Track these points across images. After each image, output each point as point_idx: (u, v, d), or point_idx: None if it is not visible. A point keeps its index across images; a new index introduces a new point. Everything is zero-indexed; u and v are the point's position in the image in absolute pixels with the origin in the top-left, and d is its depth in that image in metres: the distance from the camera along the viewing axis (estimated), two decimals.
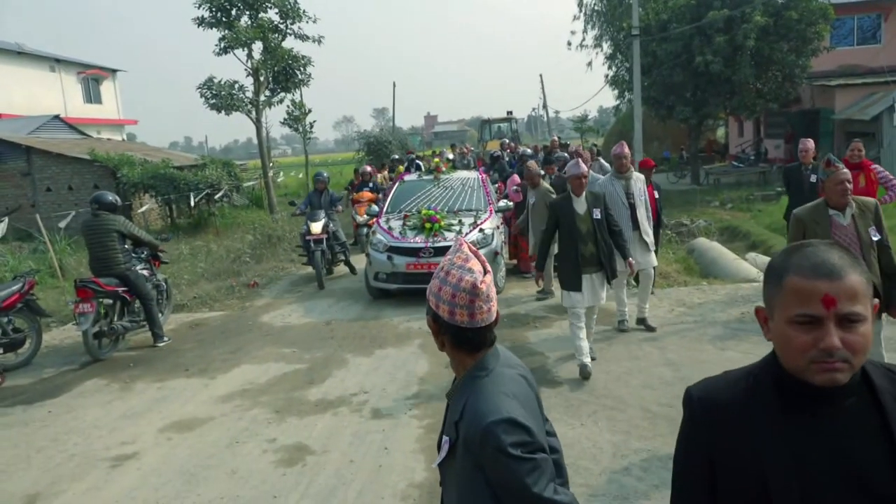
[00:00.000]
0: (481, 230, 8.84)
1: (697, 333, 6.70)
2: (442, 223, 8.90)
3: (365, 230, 12.11)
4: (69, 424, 5.52)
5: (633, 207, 6.61)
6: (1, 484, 4.53)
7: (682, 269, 9.74)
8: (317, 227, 10.01)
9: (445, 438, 1.70)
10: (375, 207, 10.43)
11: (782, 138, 22.49)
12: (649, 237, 6.73)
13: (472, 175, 10.83)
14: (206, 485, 4.33)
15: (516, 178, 10.23)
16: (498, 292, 8.58)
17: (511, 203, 10.10)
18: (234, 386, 6.19)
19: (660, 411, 4.92)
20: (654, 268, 6.99)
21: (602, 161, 12.27)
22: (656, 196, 7.67)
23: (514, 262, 10.29)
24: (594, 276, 5.68)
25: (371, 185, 13.57)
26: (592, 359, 5.86)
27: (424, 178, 10.93)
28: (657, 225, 7.61)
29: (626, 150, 6.76)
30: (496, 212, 9.57)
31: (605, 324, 7.04)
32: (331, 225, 10.31)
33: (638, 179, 6.77)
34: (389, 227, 9.16)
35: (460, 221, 9.04)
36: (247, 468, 4.52)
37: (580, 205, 5.67)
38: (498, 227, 9.23)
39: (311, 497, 4.09)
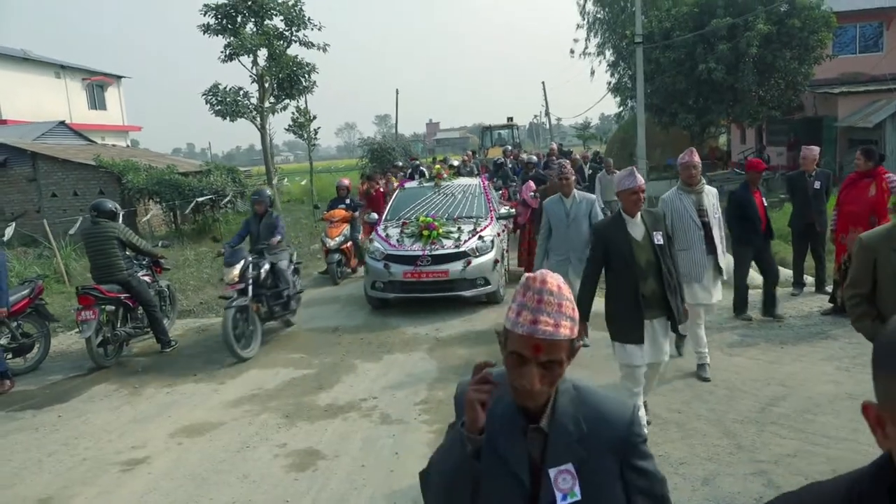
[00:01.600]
0: (481, 237, 8.66)
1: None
2: (440, 230, 8.68)
3: (337, 256, 10.78)
4: (79, 429, 5.55)
5: (706, 227, 5.57)
6: (14, 488, 4.56)
7: None
8: (232, 273, 7.23)
9: (565, 467, 1.48)
10: (375, 215, 10.15)
11: (784, 146, 22.53)
12: (724, 263, 5.72)
13: (473, 182, 10.64)
14: (218, 489, 4.34)
15: (532, 184, 10.10)
16: (499, 301, 8.50)
17: (514, 210, 10.05)
18: (243, 391, 6.21)
19: (670, 417, 4.93)
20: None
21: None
22: (765, 204, 6.96)
23: (523, 269, 10.25)
24: (656, 323, 4.37)
25: (349, 201, 11.68)
26: (648, 422, 4.67)
27: (425, 185, 10.71)
28: (767, 237, 6.91)
29: (696, 158, 5.60)
30: (497, 219, 9.40)
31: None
32: (262, 265, 7.57)
33: (710, 193, 5.68)
34: (387, 235, 8.97)
35: (459, 229, 8.82)
36: (258, 473, 4.53)
37: (636, 228, 4.31)
38: (499, 235, 9.04)
39: (323, 501, 4.10)
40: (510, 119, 34.34)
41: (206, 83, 19.18)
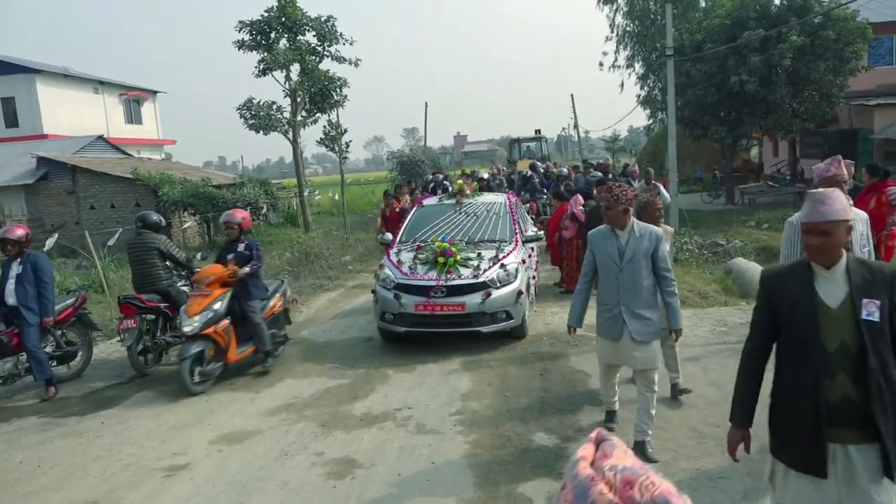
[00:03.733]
0: (503, 266, 7.67)
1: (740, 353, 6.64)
2: (457, 257, 7.72)
3: (195, 348, 6.56)
4: (122, 435, 5.68)
5: None
6: (62, 491, 4.69)
7: (721, 288, 9.68)
8: None
9: None
10: (389, 235, 9.20)
11: (819, 158, 22.21)
12: None
13: (498, 199, 9.54)
14: (259, 496, 4.42)
15: (580, 197, 9.88)
16: (524, 336, 7.80)
17: (542, 233, 9.73)
18: (280, 400, 6.30)
19: (707, 431, 4.90)
20: None
21: (662, 189, 11.16)
22: None
23: (562, 286, 10.13)
24: (855, 454, 2.55)
25: (243, 245, 7.31)
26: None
27: (445, 202, 9.67)
28: None
29: (844, 171, 4.33)
30: (524, 242, 8.51)
31: None
32: None
33: (858, 219, 4.11)
34: (399, 261, 8.01)
35: (479, 255, 7.83)
36: (297, 480, 4.60)
37: (831, 287, 2.63)
38: (524, 262, 8.07)
39: None
40: (538, 131, 34.29)
41: (234, 97, 19.62)
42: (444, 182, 16.87)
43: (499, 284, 7.48)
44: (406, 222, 9.34)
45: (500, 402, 5.87)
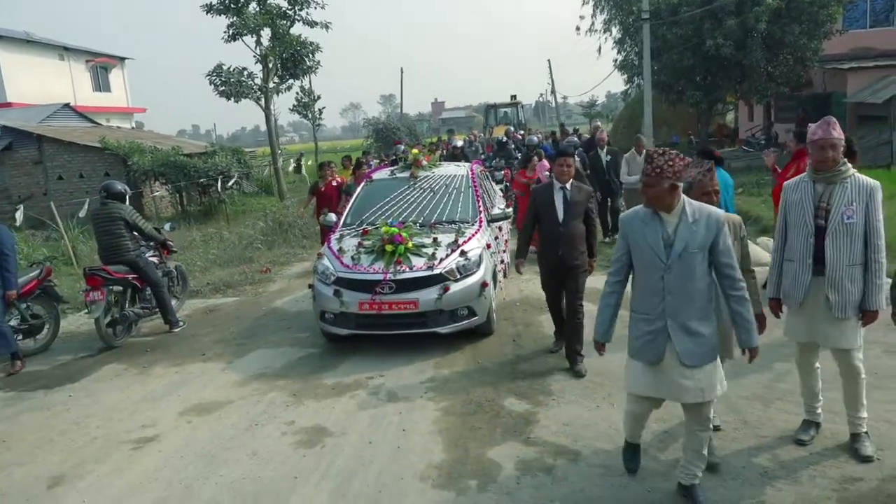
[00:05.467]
0: (463, 253, 6.57)
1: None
2: (409, 244, 6.61)
3: None
4: (90, 408, 5.60)
5: (819, 233, 3.80)
6: (26, 466, 4.62)
7: None
8: None
9: None
10: (332, 216, 8.08)
11: (793, 122, 22.36)
12: (841, 293, 3.78)
13: (459, 172, 8.23)
14: (228, 466, 4.40)
15: (546, 163, 9.80)
16: (490, 333, 6.92)
17: (510, 210, 8.67)
18: (251, 370, 6.26)
19: None
20: (855, 351, 3.92)
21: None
22: None
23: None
24: None
25: None
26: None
27: (398, 175, 8.31)
28: None
29: (835, 133, 3.72)
30: (489, 222, 7.53)
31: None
32: None
33: (854, 186, 3.75)
34: (340, 249, 6.84)
35: (436, 241, 6.72)
36: (267, 450, 4.58)
37: None
38: (489, 246, 6.99)
39: (331, 478, 4.15)
40: (513, 97, 34.07)
41: (210, 64, 19.20)
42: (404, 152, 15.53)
43: (458, 276, 6.41)
44: (352, 200, 8.12)
45: (471, 368, 5.88)
